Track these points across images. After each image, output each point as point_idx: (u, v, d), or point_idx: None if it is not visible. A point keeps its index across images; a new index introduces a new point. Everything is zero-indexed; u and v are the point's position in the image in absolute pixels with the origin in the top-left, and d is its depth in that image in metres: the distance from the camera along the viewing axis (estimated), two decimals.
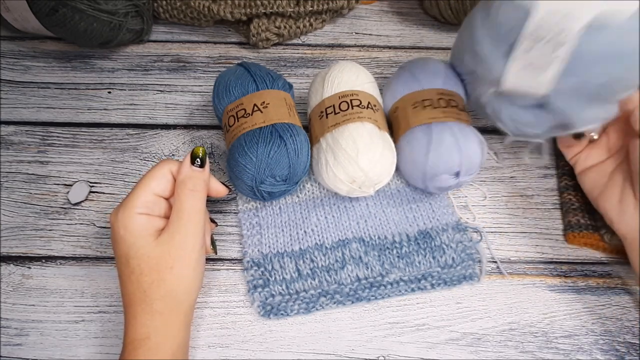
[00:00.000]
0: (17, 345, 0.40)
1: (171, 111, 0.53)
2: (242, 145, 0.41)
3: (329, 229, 0.45)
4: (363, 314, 0.42)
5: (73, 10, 0.49)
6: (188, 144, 0.51)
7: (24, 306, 0.42)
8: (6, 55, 0.57)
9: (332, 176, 0.42)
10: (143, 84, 0.55)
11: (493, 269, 0.44)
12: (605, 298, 0.43)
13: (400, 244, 0.44)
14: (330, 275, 0.43)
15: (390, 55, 0.59)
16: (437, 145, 0.42)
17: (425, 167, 0.43)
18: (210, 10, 0.55)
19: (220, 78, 0.46)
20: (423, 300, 0.43)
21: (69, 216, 0.46)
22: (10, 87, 0.54)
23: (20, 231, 0.45)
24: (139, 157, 0.50)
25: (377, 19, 0.62)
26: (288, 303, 0.42)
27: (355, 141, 0.42)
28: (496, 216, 0.47)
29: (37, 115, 0.52)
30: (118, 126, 0.52)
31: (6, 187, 0.48)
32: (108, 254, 0.45)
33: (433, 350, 0.41)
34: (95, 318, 0.41)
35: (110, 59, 0.57)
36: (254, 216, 0.46)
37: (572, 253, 0.46)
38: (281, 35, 0.57)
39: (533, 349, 0.41)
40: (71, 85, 0.55)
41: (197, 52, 0.58)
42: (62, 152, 0.50)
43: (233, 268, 0.44)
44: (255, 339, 0.41)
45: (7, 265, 0.44)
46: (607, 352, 0.41)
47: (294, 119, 0.44)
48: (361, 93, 0.45)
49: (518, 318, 0.42)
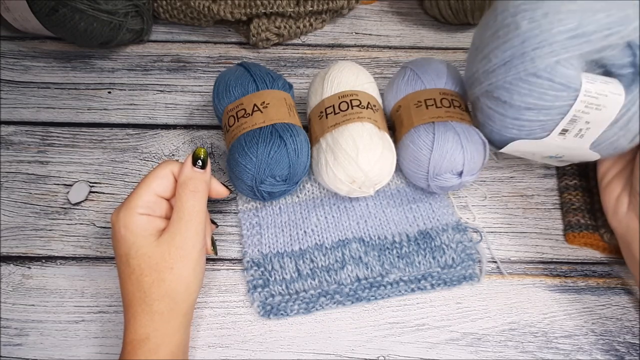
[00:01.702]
0: (17, 345, 0.40)
1: (171, 111, 0.53)
2: (242, 145, 0.41)
3: (329, 229, 0.45)
4: (363, 314, 0.42)
5: (73, 10, 0.49)
6: (188, 144, 0.51)
7: (24, 306, 0.42)
8: (6, 55, 0.57)
9: (332, 176, 0.42)
10: (143, 84, 0.55)
11: (493, 269, 0.44)
12: (605, 298, 0.43)
13: (400, 244, 0.44)
14: (330, 275, 0.43)
15: (390, 55, 0.59)
16: (441, 144, 0.42)
17: (428, 166, 0.43)
18: (210, 10, 0.55)
19: (220, 78, 0.46)
20: (423, 300, 0.43)
21: (69, 216, 0.46)
22: (10, 87, 0.54)
23: (20, 231, 0.45)
24: (139, 157, 0.50)
25: (377, 19, 0.62)
26: (288, 303, 0.42)
27: (355, 141, 0.42)
28: (496, 216, 0.47)
29: (37, 115, 0.52)
30: (118, 126, 0.52)
31: (6, 187, 0.48)
32: (108, 254, 0.45)
33: (433, 350, 0.41)
34: (95, 318, 0.42)
35: (110, 59, 0.57)
36: (254, 216, 0.46)
37: (572, 253, 0.46)
38: (281, 35, 0.57)
39: (533, 349, 0.41)
40: (71, 85, 0.55)
41: (197, 52, 0.58)
42: (62, 152, 0.50)
43: (233, 268, 0.44)
44: (255, 339, 0.41)
45: (7, 265, 0.44)
46: (607, 352, 0.41)
47: (294, 119, 0.44)
48: (361, 93, 0.45)
49: (518, 318, 0.42)
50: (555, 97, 0.35)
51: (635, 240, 0.40)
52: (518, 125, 0.38)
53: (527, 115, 0.37)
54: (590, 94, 0.34)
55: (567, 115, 0.35)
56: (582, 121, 0.35)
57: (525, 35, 0.34)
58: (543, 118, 0.36)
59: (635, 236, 0.40)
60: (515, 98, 0.36)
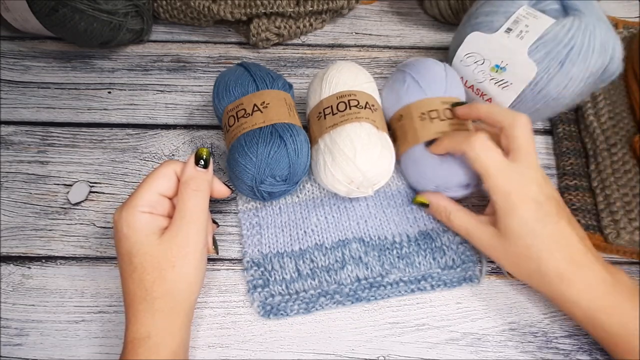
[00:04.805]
0: (17, 345, 0.40)
1: (171, 111, 0.53)
2: (242, 145, 0.41)
3: (329, 229, 0.45)
4: (363, 314, 0.42)
5: (73, 10, 0.49)
6: (188, 144, 0.51)
7: (24, 306, 0.42)
8: (6, 55, 0.57)
9: (331, 177, 0.42)
10: (143, 84, 0.55)
11: (493, 269, 0.44)
12: None
13: (400, 245, 0.44)
14: (330, 275, 0.43)
15: (390, 55, 0.59)
16: (448, 162, 0.42)
17: (435, 181, 0.43)
18: (210, 10, 0.55)
19: (220, 78, 0.46)
20: (423, 300, 0.43)
21: (69, 216, 0.46)
22: (10, 87, 0.54)
23: (20, 231, 0.46)
24: (139, 157, 0.50)
25: (377, 19, 0.62)
26: (288, 303, 0.42)
27: (353, 142, 0.41)
28: None
29: (37, 115, 0.52)
30: (118, 126, 0.52)
31: (6, 187, 0.48)
32: (108, 254, 0.45)
33: (433, 350, 0.41)
34: (95, 318, 0.42)
35: (110, 59, 0.57)
36: (254, 216, 0.46)
37: None
38: (281, 35, 0.57)
39: (533, 349, 0.41)
40: (71, 85, 0.55)
41: (197, 52, 0.58)
42: (62, 152, 0.50)
43: (233, 268, 0.44)
44: (255, 339, 0.41)
45: (7, 265, 0.44)
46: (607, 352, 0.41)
47: (294, 119, 0.44)
48: (359, 93, 0.45)
49: (518, 318, 0.42)
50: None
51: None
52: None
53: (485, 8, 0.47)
54: (529, 9, 0.45)
55: (512, 17, 0.45)
56: (523, 24, 0.44)
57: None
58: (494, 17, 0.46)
59: None
60: None
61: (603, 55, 0.43)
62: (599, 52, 0.43)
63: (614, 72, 0.45)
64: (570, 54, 0.43)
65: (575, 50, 0.43)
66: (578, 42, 0.43)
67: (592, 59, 0.43)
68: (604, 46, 0.43)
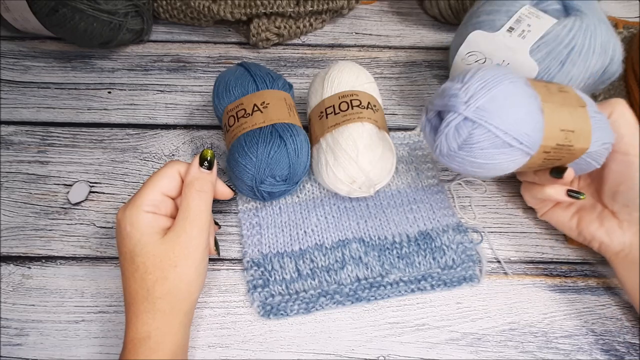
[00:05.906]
0: (17, 345, 0.40)
1: (171, 111, 0.53)
2: (242, 145, 0.41)
3: (329, 229, 0.45)
4: (363, 314, 0.42)
5: (73, 10, 0.49)
6: (188, 144, 0.51)
7: (24, 306, 0.42)
8: (6, 55, 0.57)
9: (332, 176, 0.42)
10: (143, 84, 0.55)
11: (493, 268, 0.44)
12: (605, 298, 0.43)
13: (400, 245, 0.44)
14: (330, 275, 0.43)
15: (390, 55, 0.59)
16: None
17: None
18: (210, 10, 0.55)
19: (220, 78, 0.46)
20: (423, 300, 0.43)
21: (69, 216, 0.46)
22: (10, 87, 0.54)
23: (20, 231, 0.45)
24: (139, 157, 0.50)
25: (377, 19, 0.62)
26: (288, 303, 0.42)
27: (355, 142, 0.42)
28: (496, 216, 0.47)
29: (37, 115, 0.52)
30: (118, 126, 0.52)
31: (6, 187, 0.48)
32: (108, 254, 0.45)
33: (433, 350, 0.41)
34: (95, 318, 0.41)
35: (110, 59, 0.57)
36: (254, 216, 0.46)
37: (572, 253, 0.46)
38: (281, 35, 0.57)
39: (533, 349, 0.41)
40: (71, 85, 0.55)
41: (197, 52, 0.58)
42: (62, 152, 0.50)
43: (233, 268, 0.44)
44: (255, 339, 0.41)
45: (7, 265, 0.44)
46: (607, 352, 0.41)
47: (294, 119, 0.44)
48: (361, 93, 0.45)
49: (518, 318, 0.42)
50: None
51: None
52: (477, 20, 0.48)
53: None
54: (531, 8, 0.46)
55: (514, 16, 0.45)
56: (525, 24, 0.44)
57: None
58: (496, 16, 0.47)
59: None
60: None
61: (603, 56, 0.44)
62: (599, 53, 0.43)
63: (614, 73, 0.45)
64: (571, 54, 0.43)
65: (576, 50, 0.43)
66: (579, 42, 0.43)
67: (593, 59, 0.43)
68: (605, 47, 0.43)
